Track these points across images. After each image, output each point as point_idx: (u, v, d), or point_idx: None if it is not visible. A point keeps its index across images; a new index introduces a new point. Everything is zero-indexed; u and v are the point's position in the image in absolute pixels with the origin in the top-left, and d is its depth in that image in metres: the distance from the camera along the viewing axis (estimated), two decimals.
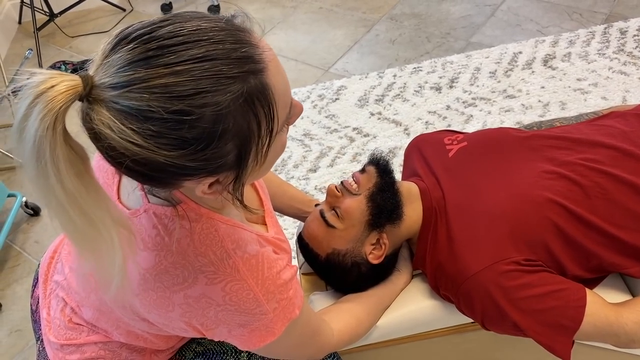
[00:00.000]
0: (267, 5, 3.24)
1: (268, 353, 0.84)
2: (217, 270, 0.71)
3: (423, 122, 2.27)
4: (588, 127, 1.16)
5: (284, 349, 0.84)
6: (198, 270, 0.71)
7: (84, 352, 0.88)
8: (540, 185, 1.00)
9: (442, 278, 1.03)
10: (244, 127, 0.59)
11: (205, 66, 0.55)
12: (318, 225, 1.07)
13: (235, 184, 0.65)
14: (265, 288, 0.73)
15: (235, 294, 0.71)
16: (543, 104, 2.24)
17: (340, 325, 0.97)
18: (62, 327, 0.90)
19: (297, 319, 0.79)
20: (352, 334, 0.99)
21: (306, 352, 0.90)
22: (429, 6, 2.98)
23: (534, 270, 0.94)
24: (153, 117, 0.54)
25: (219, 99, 0.55)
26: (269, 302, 0.74)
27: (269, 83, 0.60)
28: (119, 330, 0.85)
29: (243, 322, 0.74)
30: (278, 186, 1.25)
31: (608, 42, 2.49)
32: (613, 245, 0.98)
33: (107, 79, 0.55)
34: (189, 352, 0.98)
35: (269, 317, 0.74)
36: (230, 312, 0.72)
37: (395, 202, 1.06)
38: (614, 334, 0.93)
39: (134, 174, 0.60)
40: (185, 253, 0.71)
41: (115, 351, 0.88)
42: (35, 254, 2.05)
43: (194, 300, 0.71)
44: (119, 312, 0.81)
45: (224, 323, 0.73)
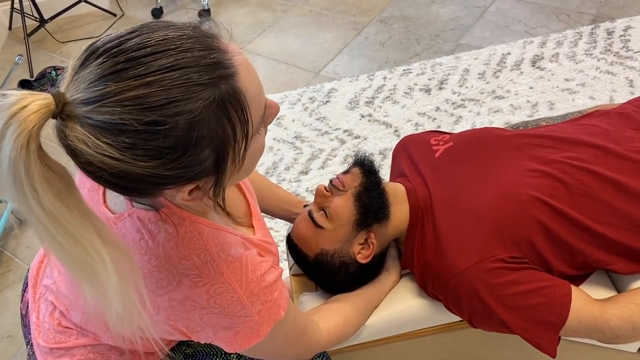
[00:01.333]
0: (257, 9, 3.25)
1: (255, 354, 0.85)
2: (201, 274, 0.72)
3: (413, 123, 2.28)
4: (572, 126, 1.17)
5: (270, 349, 0.84)
6: (182, 274, 0.71)
7: (73, 355, 0.88)
8: (525, 184, 1.02)
9: (430, 276, 1.04)
10: (219, 132, 0.59)
11: (175, 75, 0.55)
12: (306, 225, 1.08)
13: (215, 189, 0.65)
14: (249, 290, 0.73)
15: (219, 296, 0.72)
16: (532, 104, 2.26)
17: (328, 325, 0.98)
18: (51, 330, 0.90)
19: (283, 320, 0.79)
20: (341, 333, 1.00)
21: (294, 351, 0.91)
22: (418, 9, 3.00)
23: (520, 267, 0.95)
24: (127, 129, 0.54)
25: (191, 107, 0.56)
26: (254, 305, 0.74)
27: (240, 87, 0.60)
28: (107, 333, 0.85)
29: (228, 325, 0.74)
30: (267, 188, 1.26)
31: (595, 42, 2.52)
32: (598, 242, 0.99)
33: (79, 94, 0.55)
34: (178, 354, 0.98)
35: (253, 319, 0.74)
36: (214, 315, 0.72)
37: (382, 202, 1.07)
38: (599, 329, 0.94)
39: (114, 187, 0.60)
40: (169, 256, 0.72)
41: (104, 354, 0.88)
42: (27, 260, 2.05)
43: (178, 304, 0.72)
44: None
45: (209, 326, 0.74)
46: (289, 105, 2.51)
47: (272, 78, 2.71)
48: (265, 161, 2.25)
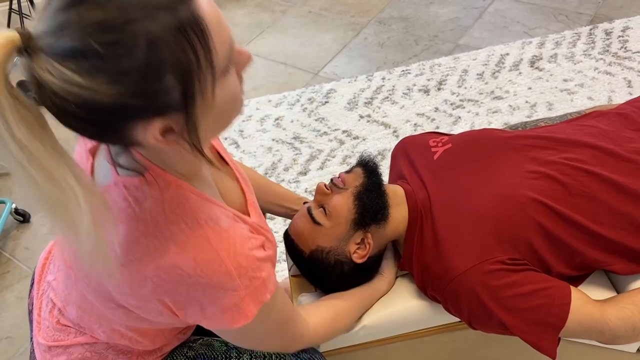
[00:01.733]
0: (256, 10, 3.25)
1: (241, 340, 0.85)
2: (188, 240, 0.71)
3: (412, 124, 2.28)
4: (571, 127, 1.17)
5: (256, 335, 0.84)
6: (169, 239, 0.70)
7: (70, 353, 0.88)
8: (524, 185, 1.02)
9: (429, 278, 1.04)
10: (181, 58, 0.58)
11: None
12: (305, 221, 1.08)
13: (188, 129, 0.63)
14: (237, 262, 0.72)
15: (206, 264, 0.70)
16: (530, 105, 2.26)
17: (316, 320, 0.97)
18: (50, 328, 0.90)
19: (270, 304, 0.78)
20: (328, 330, 1.00)
21: (279, 342, 0.91)
22: (417, 9, 3.00)
23: (519, 269, 0.95)
24: (88, 53, 0.55)
25: (150, 28, 0.56)
26: (241, 278, 0.72)
27: (200, 14, 0.60)
28: (102, 328, 0.85)
29: (214, 299, 0.72)
30: (266, 186, 1.26)
31: (593, 43, 2.52)
32: (597, 243, 0.99)
33: (42, 27, 0.56)
34: (180, 357, 0.98)
35: (240, 295, 0.73)
36: (201, 287, 0.71)
37: (382, 203, 1.07)
38: (599, 330, 0.95)
39: (82, 125, 0.60)
40: (155, 222, 0.71)
41: (101, 353, 0.88)
42: (26, 261, 2.04)
43: (165, 272, 0.70)
44: (98, 304, 0.80)
45: (195, 300, 0.73)
46: (288, 106, 2.51)
47: (271, 79, 2.71)
48: (264, 162, 2.25)
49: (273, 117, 2.47)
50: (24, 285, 1.96)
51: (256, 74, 2.76)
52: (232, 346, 1.00)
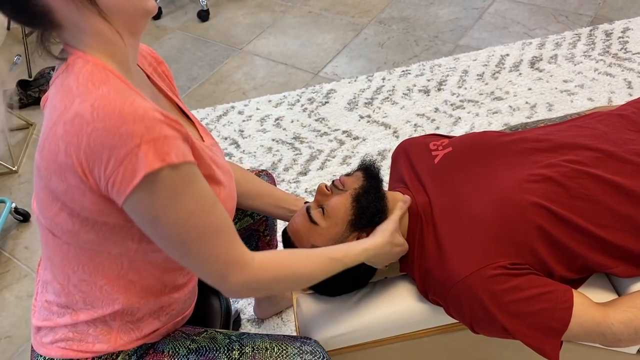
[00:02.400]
0: (256, 10, 3.25)
1: (161, 236, 0.81)
2: (90, 93, 0.75)
3: (412, 124, 2.28)
4: (571, 129, 1.17)
5: (176, 232, 0.79)
6: (76, 96, 0.76)
7: (55, 333, 0.94)
8: (525, 189, 1.02)
9: (431, 283, 1.04)
10: None
11: None
12: (302, 220, 1.09)
13: None
14: (133, 109, 0.73)
15: (102, 109, 0.73)
16: (530, 106, 2.26)
17: (266, 254, 0.91)
18: (41, 308, 0.96)
19: (182, 174, 0.76)
20: (280, 269, 0.92)
21: (209, 258, 0.84)
22: (417, 10, 3.00)
23: (521, 273, 0.95)
24: None
25: None
26: (136, 123, 0.72)
27: None
28: (70, 280, 0.89)
29: (112, 148, 0.72)
30: (265, 187, 1.26)
31: (594, 44, 2.52)
32: (598, 246, 0.99)
33: None
34: (182, 349, 0.99)
35: (135, 142, 0.71)
36: (99, 134, 0.72)
37: (379, 206, 1.07)
38: (601, 334, 0.94)
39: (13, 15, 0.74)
40: (69, 87, 0.77)
41: (83, 332, 0.92)
42: (25, 260, 2.04)
43: (69, 124, 0.74)
44: (47, 226, 0.85)
45: (97, 156, 0.73)
46: (288, 106, 2.51)
47: (271, 79, 2.71)
48: (264, 162, 2.25)
49: (273, 117, 2.47)
50: (23, 284, 1.96)
51: (256, 74, 2.76)
52: (235, 339, 1.01)
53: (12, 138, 2.58)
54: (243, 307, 1.75)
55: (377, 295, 1.14)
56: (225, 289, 0.88)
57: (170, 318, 1.00)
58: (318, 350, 1.01)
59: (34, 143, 2.56)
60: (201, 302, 1.19)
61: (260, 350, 0.99)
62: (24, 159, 2.48)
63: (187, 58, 2.94)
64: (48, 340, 0.94)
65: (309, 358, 0.98)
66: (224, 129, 2.45)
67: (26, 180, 2.38)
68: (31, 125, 2.63)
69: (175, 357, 0.98)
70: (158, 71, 1.05)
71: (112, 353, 0.94)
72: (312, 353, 0.99)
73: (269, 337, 1.02)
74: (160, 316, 0.98)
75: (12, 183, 2.37)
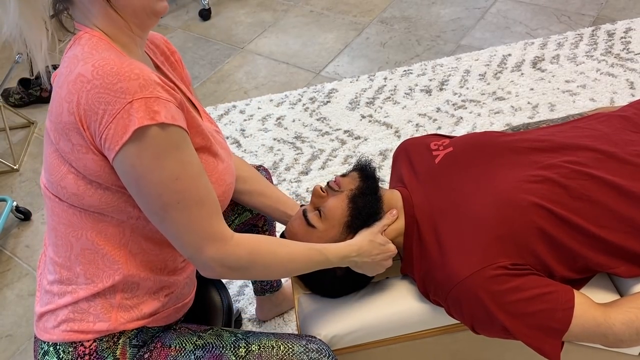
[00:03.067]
0: (258, 9, 3.25)
1: (141, 196, 0.82)
2: (92, 56, 0.80)
3: (413, 124, 2.28)
4: (572, 130, 1.17)
5: (155, 192, 0.80)
6: (80, 60, 0.81)
7: (57, 316, 0.94)
8: (525, 189, 1.01)
9: (431, 284, 1.04)
10: None
11: None
12: (299, 223, 1.09)
13: None
14: (130, 69, 0.77)
15: (102, 67, 0.77)
16: (532, 106, 2.26)
17: (244, 235, 0.92)
18: (43, 293, 0.98)
19: (169, 136, 0.79)
20: (257, 247, 0.91)
21: (187, 226, 0.84)
22: (419, 9, 3.00)
23: (522, 273, 0.95)
24: None
25: None
26: (131, 82, 0.76)
27: None
28: (72, 250, 0.91)
29: (107, 104, 0.76)
30: (266, 187, 1.26)
31: (596, 44, 2.52)
32: (599, 246, 0.99)
33: None
34: (189, 345, 0.99)
35: (127, 99, 0.76)
36: (96, 90, 0.76)
37: (376, 207, 1.07)
38: (602, 334, 0.94)
39: None
40: (75, 56, 0.83)
41: (83, 311, 0.93)
42: (26, 259, 2.04)
43: (72, 85, 0.79)
44: (51, 160, 0.87)
45: (94, 111, 0.77)
46: (290, 106, 2.51)
47: (273, 78, 2.71)
48: (265, 161, 2.25)
49: (274, 116, 2.46)
50: (24, 283, 1.96)
51: (258, 73, 2.76)
52: (241, 337, 1.01)
53: (14, 137, 2.58)
54: (244, 307, 1.75)
55: (378, 296, 1.14)
56: (199, 263, 0.87)
57: (170, 301, 1.01)
58: (324, 348, 1.01)
59: (35, 142, 2.56)
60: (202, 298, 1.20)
61: (266, 348, 0.99)
62: (25, 158, 2.48)
63: (188, 57, 2.94)
64: (50, 325, 0.95)
65: (315, 356, 0.98)
66: (226, 128, 2.44)
67: (27, 179, 2.38)
68: (32, 124, 2.63)
69: (182, 352, 0.98)
70: (170, 60, 1.07)
71: (113, 334, 0.95)
72: (318, 351, 0.99)
73: (274, 335, 1.02)
74: (159, 297, 0.98)
75: (14, 182, 2.37)
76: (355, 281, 1.12)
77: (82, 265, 0.92)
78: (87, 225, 0.89)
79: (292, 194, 2.09)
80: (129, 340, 0.96)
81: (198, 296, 1.19)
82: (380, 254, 1.06)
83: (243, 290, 1.80)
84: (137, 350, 0.97)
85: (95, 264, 0.92)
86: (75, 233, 0.90)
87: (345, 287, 1.13)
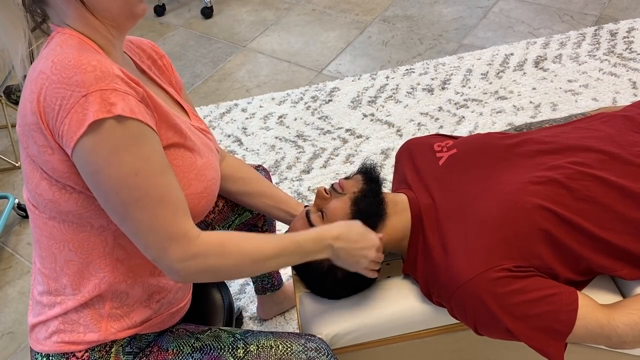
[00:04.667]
0: (260, 7, 3.25)
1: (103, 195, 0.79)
2: (55, 53, 0.78)
3: (415, 123, 2.28)
4: (576, 130, 1.16)
5: (114, 189, 0.77)
6: (42, 57, 0.80)
7: (48, 327, 0.94)
8: (529, 191, 1.01)
9: (435, 286, 1.03)
10: None
11: None
12: (302, 224, 1.09)
13: None
14: (88, 61, 0.75)
15: (60, 62, 0.76)
16: (534, 105, 2.25)
17: (212, 232, 0.87)
18: (34, 305, 0.97)
19: (125, 130, 0.76)
20: (225, 242, 0.87)
21: (149, 227, 0.80)
22: (421, 8, 3.00)
23: (525, 275, 0.95)
24: None
25: None
26: (87, 73, 0.74)
27: None
28: (56, 261, 0.90)
29: (63, 99, 0.74)
30: (267, 187, 1.26)
31: (598, 43, 2.51)
32: (602, 248, 0.99)
33: None
34: (186, 347, 0.99)
35: (82, 92, 0.73)
36: (55, 86, 0.75)
37: (379, 210, 1.07)
38: (606, 336, 0.94)
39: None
40: (41, 55, 0.82)
41: (73, 322, 0.93)
42: (28, 256, 2.04)
43: (34, 83, 0.77)
44: (25, 166, 0.85)
45: (52, 108, 0.75)
46: (291, 104, 2.50)
47: (275, 77, 2.71)
48: (267, 160, 2.24)
49: (276, 115, 2.46)
50: (26, 280, 1.96)
51: (260, 71, 2.76)
52: (239, 337, 1.01)
53: (15, 134, 2.58)
54: (245, 305, 1.75)
55: (380, 295, 1.14)
56: (164, 265, 0.83)
57: (162, 307, 1.00)
58: (323, 347, 1.01)
59: None
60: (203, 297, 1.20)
61: (265, 348, 0.98)
62: None
63: (190, 55, 2.94)
64: (42, 336, 0.95)
65: (313, 355, 0.98)
66: (227, 127, 2.44)
67: None
68: None
69: (179, 355, 0.98)
70: (158, 64, 1.06)
71: (105, 344, 0.94)
72: (317, 350, 0.99)
73: (273, 334, 1.02)
74: (150, 304, 0.97)
75: (15, 179, 2.37)
76: (356, 283, 1.12)
77: (68, 276, 0.91)
78: (68, 237, 0.88)
79: (294, 192, 2.09)
80: (122, 349, 0.95)
81: (198, 295, 1.19)
82: (361, 242, 0.99)
83: (244, 289, 1.80)
84: (133, 358, 0.96)
85: (81, 274, 0.90)
86: (57, 245, 0.89)
87: (346, 290, 1.13)
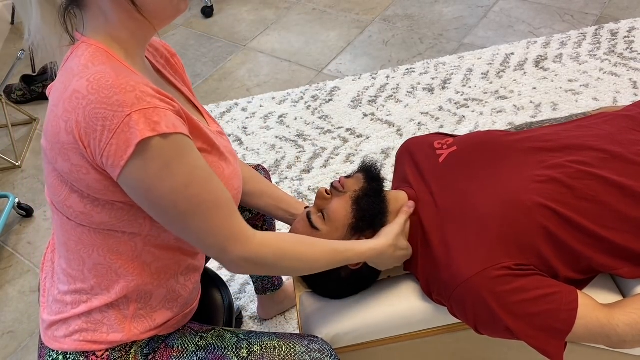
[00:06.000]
0: (260, 7, 3.24)
1: (156, 209, 0.81)
2: (88, 70, 0.78)
3: (416, 123, 2.28)
4: (577, 129, 1.16)
5: (170, 198, 0.79)
6: (74, 74, 0.78)
7: (69, 325, 0.93)
8: (530, 189, 1.01)
9: (435, 284, 1.03)
10: None
11: None
12: (303, 226, 1.08)
13: None
14: (126, 81, 0.75)
15: (96, 82, 0.75)
16: (535, 105, 2.25)
17: (266, 233, 0.91)
18: (53, 301, 0.96)
19: (173, 144, 0.77)
20: (282, 247, 0.92)
21: (209, 229, 0.84)
22: (421, 8, 2.99)
23: (525, 274, 0.95)
24: None
25: None
26: (126, 94, 0.74)
27: None
28: (85, 265, 0.90)
29: (104, 119, 0.74)
30: (268, 187, 1.26)
31: (599, 43, 2.51)
32: (603, 247, 0.99)
33: None
34: (191, 345, 0.99)
35: (125, 112, 0.73)
36: (93, 106, 0.74)
37: (380, 209, 1.07)
38: (606, 335, 0.94)
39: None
40: (71, 70, 0.80)
41: (97, 321, 0.93)
42: (28, 255, 2.05)
43: (68, 102, 0.76)
44: (51, 180, 0.85)
45: (92, 129, 0.74)
46: (292, 104, 2.50)
47: (275, 76, 2.71)
48: (267, 159, 2.24)
49: (277, 114, 2.46)
50: (26, 279, 1.96)
51: (260, 71, 2.76)
52: (243, 338, 1.01)
53: (16, 133, 2.58)
54: (246, 305, 1.75)
55: (381, 294, 1.14)
56: (226, 262, 0.88)
57: (179, 308, 1.01)
58: (326, 348, 1.01)
59: (37, 138, 2.56)
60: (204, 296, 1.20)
61: (268, 349, 0.99)
62: (28, 154, 2.48)
63: (190, 54, 2.94)
64: (61, 334, 0.94)
65: (317, 356, 0.98)
66: (228, 126, 2.44)
67: (29, 176, 2.38)
68: (35, 121, 2.63)
69: (184, 353, 0.98)
70: (171, 63, 1.06)
71: (125, 344, 0.94)
72: (320, 351, 0.99)
73: (276, 335, 1.02)
74: (171, 305, 0.98)
75: (16, 178, 2.38)
76: (358, 283, 1.12)
77: (96, 278, 0.91)
78: (98, 242, 0.88)
79: (294, 192, 2.09)
80: (141, 350, 0.96)
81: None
82: (399, 256, 1.08)
83: (244, 288, 1.80)
84: (146, 358, 0.97)
85: (109, 277, 0.91)
86: (86, 250, 0.89)
87: (348, 289, 1.13)
